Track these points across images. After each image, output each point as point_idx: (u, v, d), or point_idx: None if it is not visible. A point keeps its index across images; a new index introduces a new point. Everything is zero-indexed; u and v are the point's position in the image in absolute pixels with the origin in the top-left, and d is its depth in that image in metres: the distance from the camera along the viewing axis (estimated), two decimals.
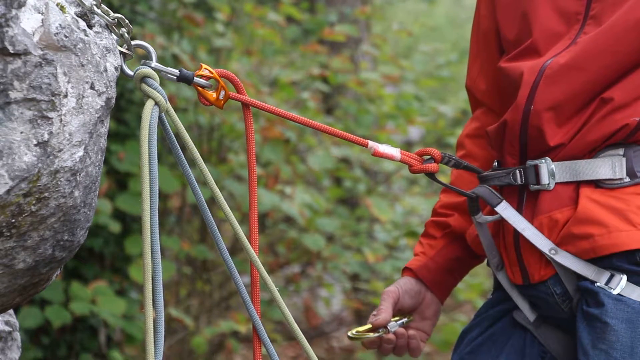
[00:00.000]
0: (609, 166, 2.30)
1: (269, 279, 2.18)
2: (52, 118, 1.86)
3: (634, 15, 2.28)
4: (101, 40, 2.02)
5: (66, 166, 1.91)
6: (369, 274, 7.03)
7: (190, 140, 2.12)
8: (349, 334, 2.59)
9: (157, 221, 2.00)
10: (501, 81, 2.47)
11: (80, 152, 1.93)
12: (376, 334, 2.57)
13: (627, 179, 2.30)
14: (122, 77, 2.09)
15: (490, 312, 2.54)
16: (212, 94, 2.20)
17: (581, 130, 2.31)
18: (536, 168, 2.35)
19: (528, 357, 2.45)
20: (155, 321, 1.97)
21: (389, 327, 2.58)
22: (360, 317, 7.81)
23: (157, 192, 2.01)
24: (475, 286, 6.59)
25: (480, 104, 2.63)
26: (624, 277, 2.27)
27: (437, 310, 2.64)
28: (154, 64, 2.10)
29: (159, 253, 2.00)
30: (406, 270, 2.63)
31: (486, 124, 2.55)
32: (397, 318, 2.61)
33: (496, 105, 2.55)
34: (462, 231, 2.60)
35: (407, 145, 8.91)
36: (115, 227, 5.42)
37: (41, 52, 1.85)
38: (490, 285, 2.65)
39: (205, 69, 2.19)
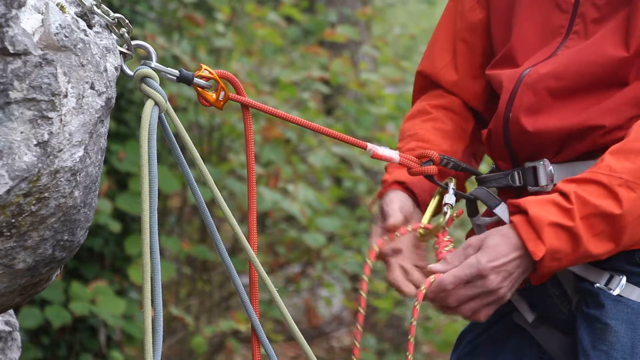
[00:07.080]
0: None
1: (268, 279, 2.18)
2: (52, 118, 1.87)
3: (601, 49, 2.28)
4: (101, 40, 2.02)
5: (66, 166, 1.91)
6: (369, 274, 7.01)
7: (190, 140, 2.12)
8: (419, 231, 2.38)
9: (157, 221, 2.00)
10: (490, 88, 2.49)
11: (80, 152, 1.93)
12: (446, 217, 2.34)
13: None
14: (122, 77, 2.09)
15: None
16: (211, 95, 2.20)
17: (571, 143, 2.30)
18: (534, 170, 2.34)
19: (526, 359, 2.45)
20: (154, 321, 1.97)
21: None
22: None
23: (157, 192, 2.01)
24: None
25: (447, 94, 2.59)
26: (624, 278, 2.27)
27: None
28: (154, 64, 2.09)
29: (158, 253, 2.00)
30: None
31: (451, 108, 2.53)
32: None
33: (471, 99, 2.54)
34: None
35: None
36: (115, 226, 5.42)
37: (41, 52, 1.85)
38: None
39: (205, 69, 2.19)
